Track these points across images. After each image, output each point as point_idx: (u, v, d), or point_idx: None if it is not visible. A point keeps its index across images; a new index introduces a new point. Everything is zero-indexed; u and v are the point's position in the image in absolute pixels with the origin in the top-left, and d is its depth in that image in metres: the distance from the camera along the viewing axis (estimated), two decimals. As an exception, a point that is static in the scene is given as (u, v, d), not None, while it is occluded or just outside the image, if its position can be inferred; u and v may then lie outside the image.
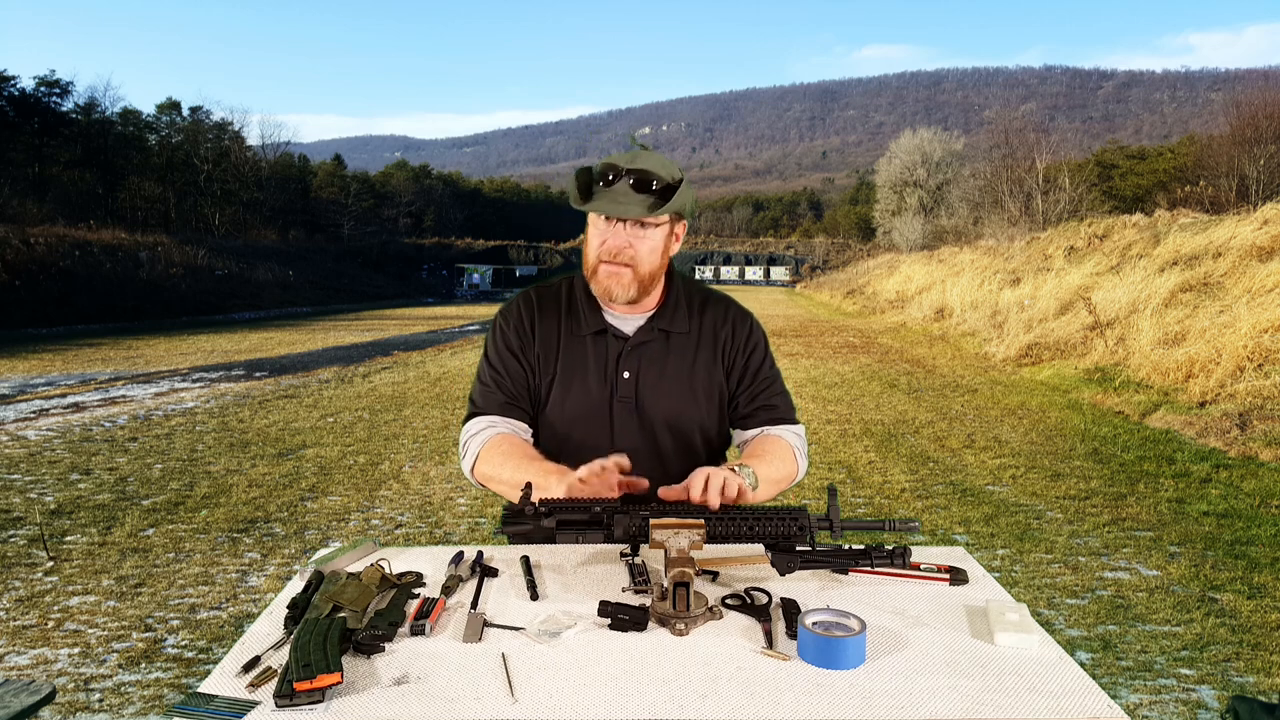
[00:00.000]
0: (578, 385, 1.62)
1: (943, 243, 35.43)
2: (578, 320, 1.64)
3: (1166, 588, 3.75)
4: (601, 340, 1.63)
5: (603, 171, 1.53)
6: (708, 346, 1.67)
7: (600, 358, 1.62)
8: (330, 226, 53.03)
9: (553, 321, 1.65)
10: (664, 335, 1.64)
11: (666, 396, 1.62)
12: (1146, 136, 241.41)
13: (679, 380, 1.64)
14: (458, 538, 4.54)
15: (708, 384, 1.67)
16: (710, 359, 1.67)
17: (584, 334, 1.63)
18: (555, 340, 1.64)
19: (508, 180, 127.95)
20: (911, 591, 1.38)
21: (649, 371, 1.62)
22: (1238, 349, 7.80)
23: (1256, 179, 27.93)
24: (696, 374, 1.65)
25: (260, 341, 17.33)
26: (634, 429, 1.61)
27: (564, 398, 1.62)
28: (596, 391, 1.61)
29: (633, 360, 1.62)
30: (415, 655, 1.16)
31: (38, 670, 3.03)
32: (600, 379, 1.62)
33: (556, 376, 1.63)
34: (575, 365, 1.63)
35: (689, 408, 1.64)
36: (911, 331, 17.25)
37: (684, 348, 1.65)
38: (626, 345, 1.62)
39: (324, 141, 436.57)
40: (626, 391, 1.61)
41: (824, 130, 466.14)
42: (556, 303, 1.67)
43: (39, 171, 36.23)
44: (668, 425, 1.63)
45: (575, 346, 1.63)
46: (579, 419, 1.61)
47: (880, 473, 5.83)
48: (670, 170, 1.54)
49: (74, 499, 5.27)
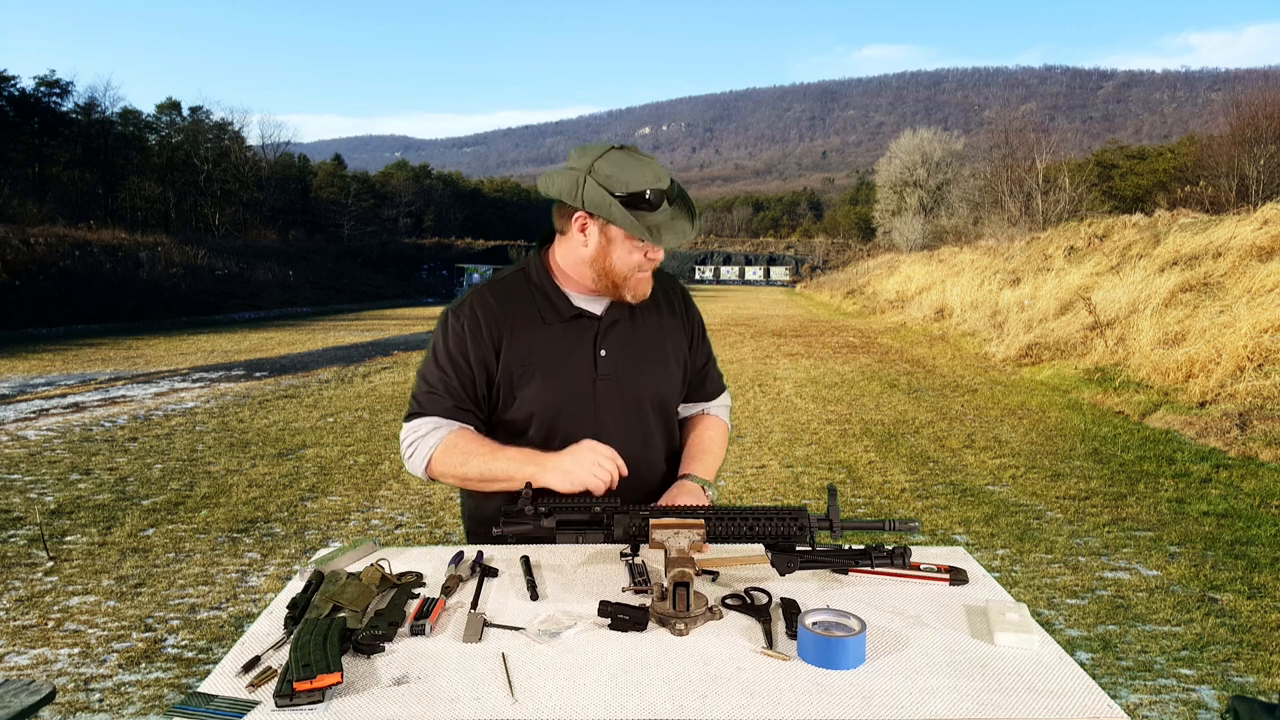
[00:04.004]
0: (560, 372, 1.63)
1: (943, 243, 35.40)
2: (548, 308, 1.64)
3: (1166, 588, 3.75)
4: (576, 325, 1.65)
5: (655, 201, 1.54)
6: (669, 316, 1.75)
7: (578, 341, 1.64)
8: (330, 226, 53.01)
9: (520, 314, 1.64)
10: (630, 311, 1.68)
11: (645, 370, 1.68)
12: (1146, 136, 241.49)
13: (654, 353, 1.71)
14: (458, 538, 4.53)
15: (676, 355, 1.74)
16: (675, 329, 1.75)
17: (557, 321, 1.64)
18: (528, 332, 1.63)
19: (508, 180, 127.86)
20: (911, 591, 1.38)
21: (626, 348, 1.66)
22: (1238, 349, 7.80)
23: (1256, 179, 27.92)
24: (666, 345, 1.72)
25: (260, 341, 17.33)
26: (617, 407, 1.65)
27: (547, 386, 1.62)
28: (579, 375, 1.63)
29: (609, 339, 1.65)
30: (415, 655, 1.16)
31: (38, 670, 3.03)
32: (580, 362, 1.63)
33: (536, 367, 1.62)
34: (554, 353, 1.63)
35: (665, 379, 1.72)
36: (911, 331, 17.24)
37: (648, 320, 1.71)
38: (600, 325, 1.65)
39: (324, 141, 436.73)
40: (607, 370, 1.64)
41: (824, 130, 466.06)
42: (520, 295, 1.66)
43: (39, 171, 36.21)
44: (648, 399, 1.69)
45: (550, 334, 1.64)
46: (564, 405, 1.62)
47: (880, 473, 5.83)
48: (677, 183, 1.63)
49: (74, 499, 5.27)
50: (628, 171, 1.51)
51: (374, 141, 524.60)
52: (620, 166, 1.51)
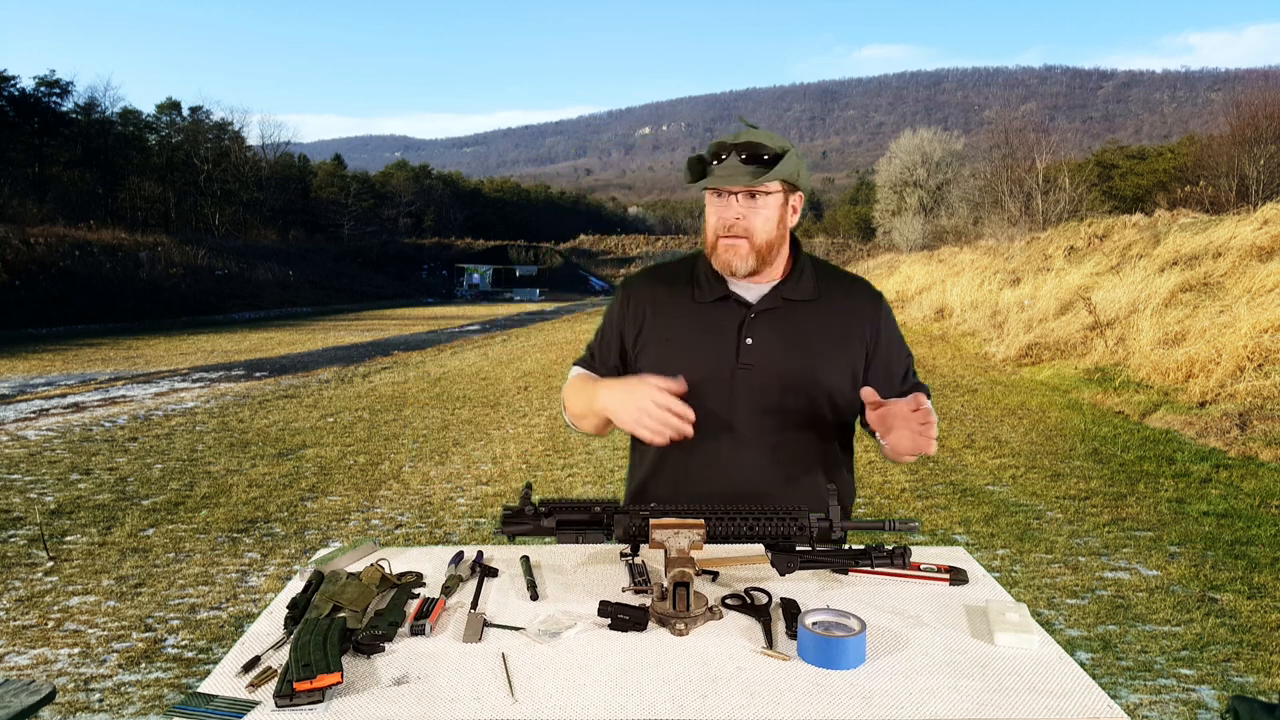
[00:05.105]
0: (700, 351, 1.60)
1: (943, 243, 35.39)
2: (700, 288, 1.63)
3: (1166, 588, 3.75)
4: (724, 306, 1.61)
5: (714, 152, 1.55)
6: (839, 320, 1.63)
7: (723, 324, 1.60)
8: (330, 226, 53.04)
9: (674, 289, 1.66)
10: (788, 304, 1.61)
11: (792, 363, 1.59)
12: (1146, 136, 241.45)
13: (805, 347, 1.60)
14: (458, 538, 4.54)
15: (837, 356, 1.62)
16: (842, 333, 1.63)
17: (706, 301, 1.62)
18: (675, 306, 1.64)
19: (508, 180, 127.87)
20: (911, 591, 1.38)
21: (773, 338, 1.59)
22: (1238, 349, 7.80)
23: (1256, 179, 27.91)
24: (825, 343, 1.61)
25: (260, 341, 17.34)
26: (758, 396, 1.58)
27: (685, 363, 1.58)
28: (719, 358, 1.59)
29: (757, 327, 1.59)
30: (415, 655, 1.16)
31: (38, 670, 3.03)
32: (723, 345, 1.60)
33: (676, 345, 1.62)
34: (697, 331, 1.61)
35: (815, 375, 1.60)
36: (911, 331, 17.24)
37: (810, 316, 1.61)
38: (750, 312, 1.60)
39: (324, 141, 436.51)
40: (750, 358, 1.58)
41: (824, 130, 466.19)
42: (680, 273, 1.69)
43: (39, 171, 36.23)
44: (793, 392, 1.59)
45: (697, 313, 1.62)
46: (697, 386, 1.57)
47: (880, 473, 5.83)
48: (779, 142, 1.54)
49: (74, 499, 5.27)
50: (715, 139, 1.55)
51: (374, 141, 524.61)
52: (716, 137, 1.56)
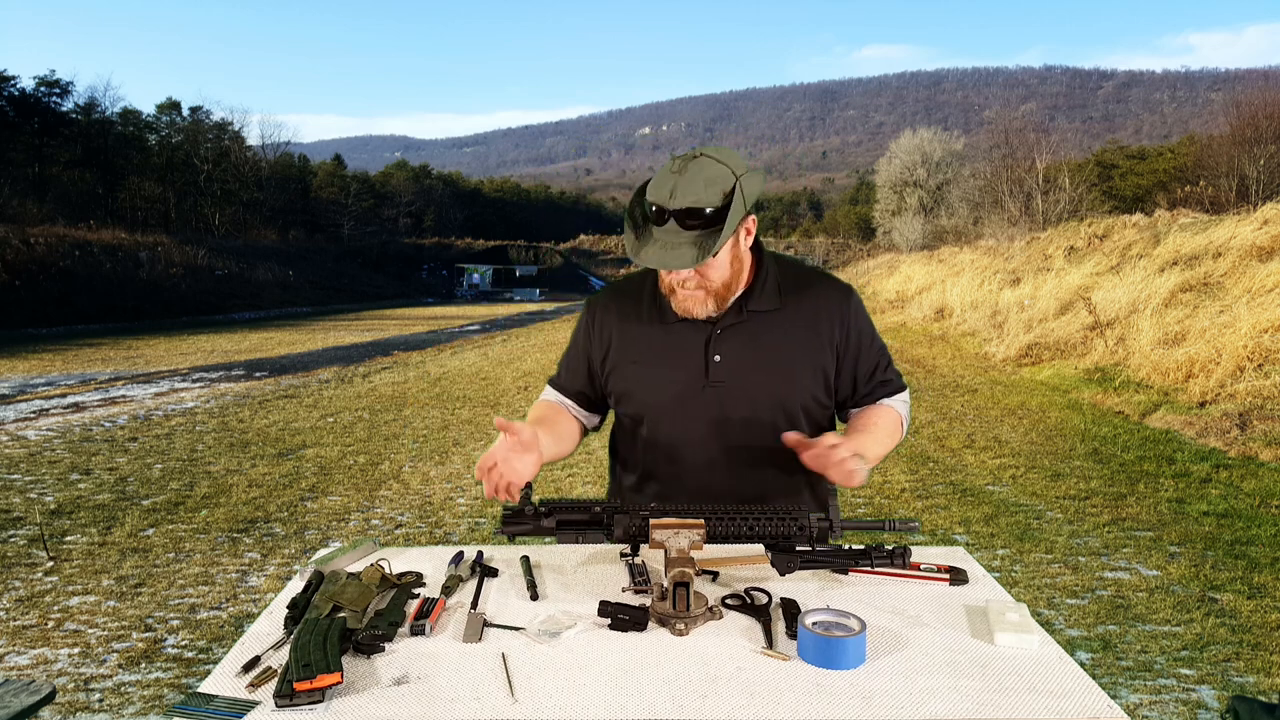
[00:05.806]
0: (666, 372, 1.58)
1: (943, 243, 35.41)
2: (663, 307, 1.59)
3: (1166, 588, 3.75)
4: (688, 324, 1.56)
5: (655, 211, 1.44)
6: (805, 325, 1.59)
7: (689, 342, 1.57)
8: (330, 226, 53.05)
9: (639, 306, 1.63)
10: (754, 315, 1.58)
11: (761, 376, 1.56)
12: (1146, 136, 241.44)
13: (774, 359, 1.57)
14: (458, 538, 4.54)
15: (806, 363, 1.59)
16: (810, 338, 1.60)
17: (671, 320, 1.58)
18: (640, 326, 1.61)
19: (508, 180, 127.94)
20: (911, 591, 1.38)
21: (741, 353, 1.56)
22: (1238, 349, 7.80)
23: (1256, 179, 27.91)
24: (793, 352, 1.58)
25: (260, 341, 17.34)
26: (729, 413, 1.56)
27: (651, 386, 1.58)
28: (688, 377, 1.57)
29: (724, 343, 1.56)
30: (415, 655, 1.16)
31: (38, 670, 3.03)
32: (691, 364, 1.57)
33: (643, 365, 1.60)
34: (662, 352, 1.59)
35: (786, 387, 1.58)
36: (911, 331, 17.23)
37: (776, 326, 1.58)
38: (716, 328, 1.56)
39: (324, 141, 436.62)
40: (719, 375, 1.56)
41: (824, 130, 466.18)
42: (645, 289, 1.64)
43: (39, 171, 36.24)
44: (765, 405, 1.57)
45: (662, 332, 1.59)
46: (668, 406, 1.57)
47: (880, 473, 5.83)
48: (723, 182, 1.41)
49: (74, 499, 5.27)
50: (655, 181, 1.45)
51: (374, 141, 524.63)
52: (658, 175, 1.46)
